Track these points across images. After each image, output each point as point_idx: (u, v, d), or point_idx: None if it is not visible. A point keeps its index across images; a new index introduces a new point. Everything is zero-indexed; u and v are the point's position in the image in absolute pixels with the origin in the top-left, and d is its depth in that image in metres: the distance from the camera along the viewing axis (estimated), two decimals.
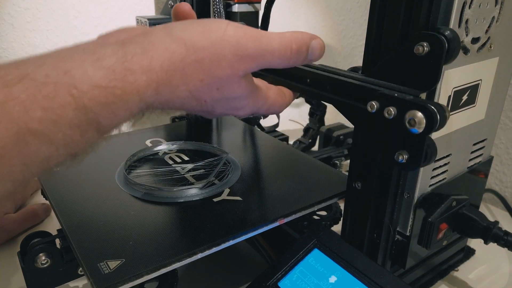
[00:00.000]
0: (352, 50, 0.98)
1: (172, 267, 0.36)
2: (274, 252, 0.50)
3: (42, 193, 0.50)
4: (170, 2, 0.68)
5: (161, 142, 0.60)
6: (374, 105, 0.36)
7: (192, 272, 0.53)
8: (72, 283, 0.47)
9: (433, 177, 0.43)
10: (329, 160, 0.71)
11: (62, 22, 0.78)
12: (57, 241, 0.43)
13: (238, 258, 0.56)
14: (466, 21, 0.37)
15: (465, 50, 0.38)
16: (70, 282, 0.44)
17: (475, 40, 0.39)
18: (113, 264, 0.35)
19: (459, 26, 0.36)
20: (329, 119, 0.83)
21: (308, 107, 0.81)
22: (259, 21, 0.63)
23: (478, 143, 0.47)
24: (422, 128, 0.33)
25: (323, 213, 0.54)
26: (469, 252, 0.57)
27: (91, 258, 0.36)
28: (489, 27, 0.40)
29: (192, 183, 0.48)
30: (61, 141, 0.26)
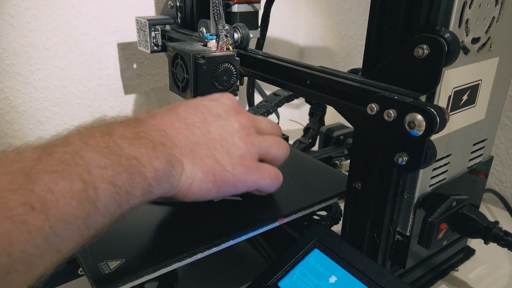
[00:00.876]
0: (352, 50, 0.98)
1: (172, 267, 0.36)
2: (274, 252, 0.50)
3: None
4: (170, 3, 0.68)
5: None
6: (374, 107, 0.36)
7: (192, 272, 0.53)
8: (72, 283, 0.47)
9: (433, 177, 0.43)
10: (329, 160, 0.71)
11: (62, 22, 0.77)
12: None
13: (238, 258, 0.56)
14: (466, 21, 0.37)
15: (465, 50, 0.38)
16: (70, 282, 0.44)
17: (475, 40, 0.39)
18: (113, 264, 0.36)
19: (459, 26, 0.36)
20: (329, 119, 0.83)
21: (308, 107, 0.81)
22: (259, 21, 0.63)
23: (478, 143, 0.47)
24: (422, 131, 0.33)
25: (323, 213, 0.54)
26: (469, 252, 0.57)
27: (91, 258, 0.36)
28: (489, 27, 0.40)
29: None
30: None
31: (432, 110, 0.32)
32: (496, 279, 0.53)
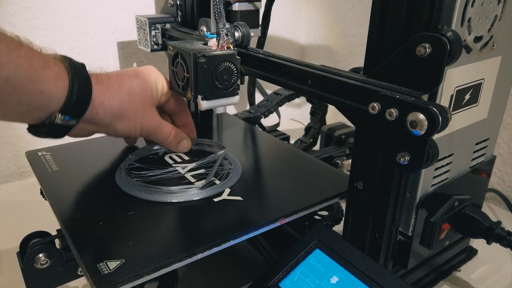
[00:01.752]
0: (354, 49, 0.98)
1: (172, 267, 0.36)
2: (275, 252, 0.50)
3: (42, 193, 0.50)
4: (170, 1, 0.68)
5: None
6: (376, 107, 0.36)
7: (193, 272, 0.53)
8: (72, 284, 0.47)
9: (436, 177, 0.43)
10: (331, 160, 0.71)
11: (62, 21, 0.78)
12: (57, 241, 0.43)
13: (239, 258, 0.56)
14: (469, 20, 0.37)
15: (468, 49, 0.38)
16: (70, 283, 0.44)
17: (478, 39, 0.39)
18: (113, 265, 0.35)
19: (462, 25, 0.36)
20: (331, 118, 0.83)
21: (309, 106, 0.81)
22: (260, 20, 0.63)
23: (481, 143, 0.47)
24: (424, 130, 0.33)
25: (325, 213, 0.54)
26: (472, 252, 0.57)
27: (91, 259, 0.36)
28: (492, 26, 0.40)
29: (193, 183, 0.48)
30: None
31: (434, 109, 0.32)
32: (499, 279, 0.53)
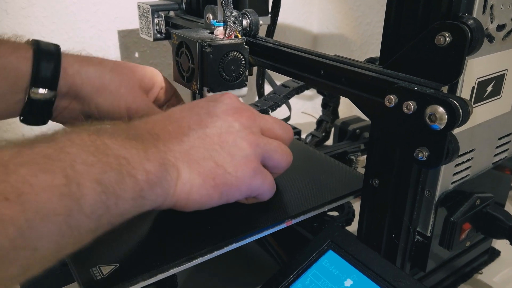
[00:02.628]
0: (369, 38, 0.98)
1: (170, 272, 0.36)
2: (285, 254, 0.50)
3: None
4: None
5: None
6: (393, 99, 0.36)
7: (194, 277, 0.52)
8: (71, 286, 0.48)
9: (456, 174, 0.43)
10: (345, 155, 0.71)
11: (59, 8, 0.78)
12: None
13: (246, 260, 0.56)
14: (491, 7, 0.37)
15: (490, 38, 0.38)
16: (69, 286, 0.45)
17: (501, 27, 0.39)
18: (106, 270, 0.35)
19: (483, 13, 0.36)
20: (345, 112, 0.83)
21: (321, 99, 0.82)
22: (269, 7, 0.63)
23: (504, 137, 0.47)
24: (444, 124, 0.33)
25: (335, 214, 0.54)
26: (494, 254, 0.57)
27: (83, 263, 0.36)
28: None
29: None
30: None
31: (455, 102, 0.32)
32: None
